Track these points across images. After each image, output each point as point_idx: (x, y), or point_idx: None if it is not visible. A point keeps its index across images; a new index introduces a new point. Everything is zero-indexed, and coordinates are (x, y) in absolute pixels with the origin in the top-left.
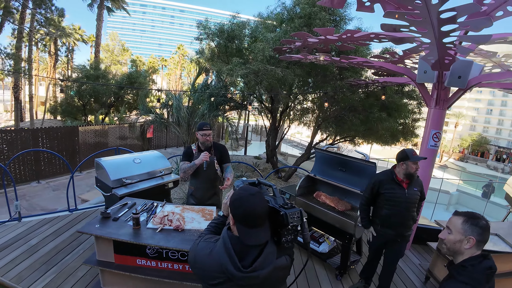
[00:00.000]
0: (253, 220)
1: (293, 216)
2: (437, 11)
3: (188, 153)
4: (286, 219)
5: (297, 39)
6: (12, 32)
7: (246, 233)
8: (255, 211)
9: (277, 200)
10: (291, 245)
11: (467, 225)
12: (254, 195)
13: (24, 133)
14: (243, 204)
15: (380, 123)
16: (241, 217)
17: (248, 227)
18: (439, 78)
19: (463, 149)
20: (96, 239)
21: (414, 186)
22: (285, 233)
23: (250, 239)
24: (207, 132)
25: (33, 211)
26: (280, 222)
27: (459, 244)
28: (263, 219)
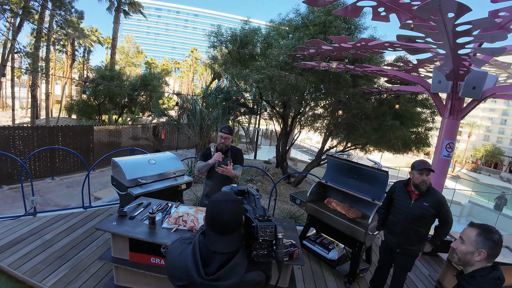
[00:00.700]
0: (218, 226)
1: (265, 230)
2: (453, 24)
3: (206, 153)
4: (256, 232)
5: (311, 46)
6: (31, 32)
7: (211, 238)
8: (222, 217)
9: (256, 211)
10: (262, 260)
11: (480, 238)
12: (226, 201)
13: (40, 131)
14: (213, 208)
15: (393, 131)
16: (208, 221)
17: (214, 232)
18: (453, 88)
19: (476, 160)
20: (113, 236)
21: (425, 200)
22: (257, 246)
23: (213, 245)
24: (223, 135)
25: (46, 206)
26: (251, 234)
27: (470, 256)
28: (232, 228)
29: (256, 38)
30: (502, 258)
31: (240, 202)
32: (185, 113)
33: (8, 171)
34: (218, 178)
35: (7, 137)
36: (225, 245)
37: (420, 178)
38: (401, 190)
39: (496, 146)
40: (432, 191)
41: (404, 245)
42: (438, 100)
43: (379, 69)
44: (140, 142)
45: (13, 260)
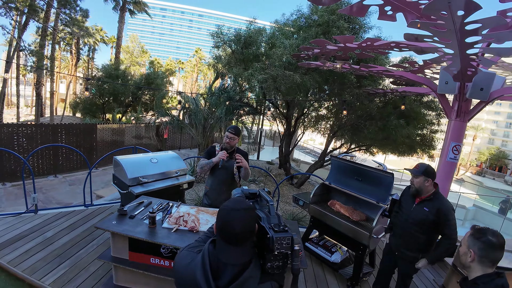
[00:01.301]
0: (229, 236)
1: (281, 242)
2: (462, 22)
3: (210, 151)
4: (272, 244)
5: (316, 46)
6: (36, 30)
7: (222, 248)
8: (233, 227)
9: (270, 219)
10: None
11: (470, 238)
12: (238, 210)
13: (44, 128)
14: (223, 216)
15: (398, 130)
16: (219, 230)
17: (225, 242)
18: (460, 90)
19: (480, 163)
20: (112, 236)
21: (426, 206)
22: (271, 258)
23: (224, 256)
24: (229, 135)
25: (49, 204)
26: (266, 246)
27: (465, 257)
28: (244, 238)
29: (260, 38)
30: (508, 263)
31: (252, 210)
32: (188, 113)
33: (11, 168)
34: (219, 178)
35: (11, 135)
36: (237, 256)
37: (413, 181)
38: (408, 193)
39: (500, 149)
40: (437, 197)
41: (402, 249)
42: (445, 102)
43: (385, 69)
44: (143, 141)
45: (13, 257)
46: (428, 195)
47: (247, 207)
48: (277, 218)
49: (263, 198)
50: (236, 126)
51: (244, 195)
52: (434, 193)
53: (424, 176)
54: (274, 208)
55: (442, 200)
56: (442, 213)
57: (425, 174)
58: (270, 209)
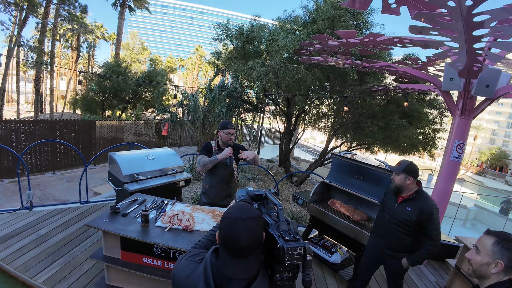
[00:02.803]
0: (234, 249)
1: (293, 253)
2: (470, 13)
3: (208, 148)
4: (283, 255)
5: (317, 42)
6: (35, 26)
7: (226, 260)
8: (239, 239)
9: (280, 226)
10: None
11: (497, 247)
12: (245, 220)
13: (42, 125)
14: (228, 226)
15: (400, 130)
16: (222, 241)
17: (229, 254)
18: (465, 87)
19: (481, 163)
20: (104, 234)
21: (409, 205)
22: (281, 269)
23: (229, 270)
24: (231, 131)
25: (46, 200)
26: (276, 256)
27: (486, 267)
28: (251, 251)
29: (262, 34)
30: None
31: (260, 218)
32: (186, 110)
33: (9, 164)
34: (219, 175)
35: (9, 131)
36: (243, 270)
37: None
38: (391, 191)
39: (501, 149)
40: (420, 197)
41: (387, 250)
42: (449, 99)
43: (388, 65)
44: (143, 139)
45: (6, 255)
46: (410, 193)
47: (255, 215)
48: (286, 224)
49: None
50: (229, 121)
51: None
52: (416, 191)
53: (405, 174)
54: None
55: (425, 199)
56: (424, 213)
57: (406, 172)
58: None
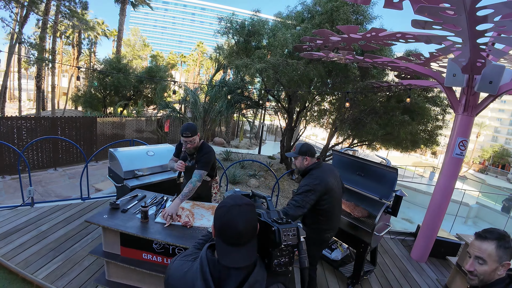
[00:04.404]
0: (232, 236)
1: (288, 233)
2: (474, 7)
3: (179, 148)
4: (279, 237)
5: (319, 37)
6: (36, 23)
7: (223, 250)
8: (236, 225)
9: (271, 214)
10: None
11: (500, 250)
12: (240, 206)
13: (44, 121)
14: (223, 215)
15: (402, 126)
16: (219, 230)
17: (226, 243)
18: (469, 83)
19: (483, 161)
20: (104, 230)
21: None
22: (278, 254)
23: (227, 259)
24: (187, 140)
25: (48, 197)
26: (272, 241)
27: (494, 273)
28: (248, 237)
29: (263, 29)
30: None
31: (253, 205)
32: (187, 106)
33: (11, 161)
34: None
35: (11, 128)
36: (242, 258)
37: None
38: None
39: (504, 147)
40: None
41: None
42: (452, 95)
43: (390, 60)
44: (144, 135)
45: (7, 251)
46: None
47: (248, 202)
48: (277, 213)
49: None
50: (189, 125)
51: None
52: (309, 168)
53: (301, 156)
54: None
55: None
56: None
57: (301, 154)
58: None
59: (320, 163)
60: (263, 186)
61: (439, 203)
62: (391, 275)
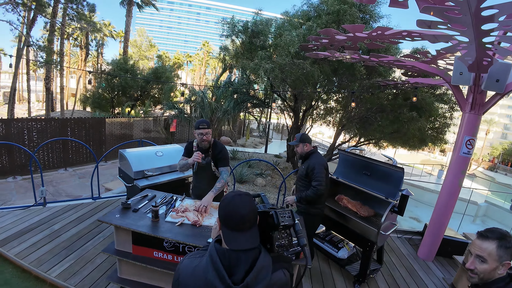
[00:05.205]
0: (237, 222)
1: (284, 215)
2: (478, 7)
3: (189, 148)
4: (277, 218)
5: (324, 36)
6: (44, 25)
7: (230, 236)
8: (239, 211)
9: (266, 206)
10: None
11: (501, 250)
12: (241, 195)
13: (54, 123)
14: (227, 204)
15: (410, 123)
16: (224, 218)
17: (232, 229)
18: (475, 81)
19: (493, 158)
20: (116, 229)
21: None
22: (278, 236)
23: (233, 243)
24: (204, 131)
25: (59, 196)
26: (271, 224)
27: (494, 272)
28: (249, 222)
29: (267, 29)
30: None
31: (252, 196)
32: (194, 106)
33: (22, 162)
34: (200, 176)
35: (21, 129)
36: (247, 241)
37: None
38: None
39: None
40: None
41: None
42: (459, 93)
43: (396, 59)
44: (152, 135)
45: (20, 250)
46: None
47: (247, 193)
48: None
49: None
50: (205, 120)
51: None
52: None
53: (302, 143)
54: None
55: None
56: (309, 167)
57: (301, 141)
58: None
59: (316, 149)
60: (270, 185)
61: (446, 202)
62: (397, 273)
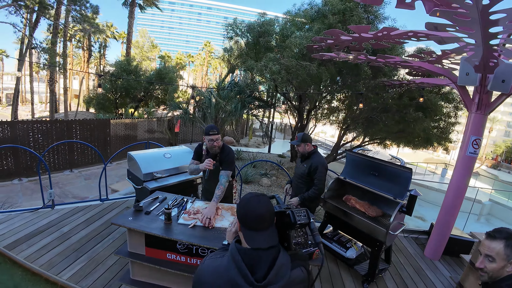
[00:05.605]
0: (256, 220)
1: (299, 214)
2: (487, 11)
3: (199, 152)
4: (293, 217)
5: (329, 37)
6: (48, 28)
7: (250, 236)
8: (258, 211)
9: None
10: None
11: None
12: (258, 196)
13: (59, 124)
14: (246, 204)
15: (416, 123)
16: (244, 218)
17: (251, 228)
18: (482, 81)
19: (496, 156)
20: (129, 232)
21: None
22: (294, 234)
23: (254, 242)
24: (214, 137)
25: (65, 198)
26: (288, 223)
27: (502, 270)
28: (268, 221)
29: (272, 29)
30: None
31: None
32: (199, 106)
33: (27, 163)
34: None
35: (26, 131)
36: (267, 239)
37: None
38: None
39: None
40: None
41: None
42: (465, 94)
43: (403, 60)
44: (155, 136)
45: (30, 253)
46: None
47: (264, 194)
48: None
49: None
50: (212, 124)
51: None
52: (310, 152)
53: (303, 143)
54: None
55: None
56: (312, 166)
57: (303, 141)
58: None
59: (316, 148)
60: (275, 185)
61: (452, 202)
62: (405, 273)
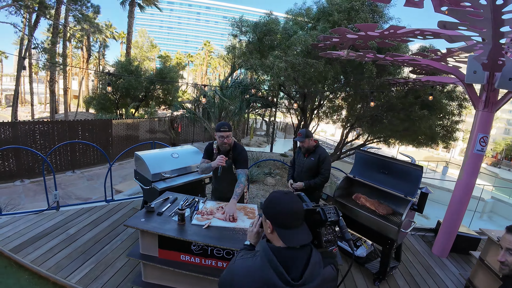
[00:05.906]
0: (290, 218)
1: (330, 212)
2: (500, 11)
3: (209, 150)
4: (324, 214)
5: (335, 35)
6: (48, 28)
7: (286, 235)
8: (291, 208)
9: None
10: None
11: None
12: (287, 193)
13: (60, 125)
14: (277, 203)
15: (421, 121)
16: (276, 217)
17: (286, 228)
18: (489, 79)
19: (496, 154)
20: (141, 233)
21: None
22: (325, 232)
23: (292, 241)
24: (225, 134)
25: (68, 199)
26: (318, 221)
27: None
28: (301, 218)
29: (277, 28)
30: None
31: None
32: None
33: (29, 165)
34: (221, 179)
35: (27, 132)
36: (304, 237)
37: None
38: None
39: None
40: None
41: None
42: (472, 92)
43: (411, 58)
44: (157, 135)
45: (36, 256)
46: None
47: (292, 193)
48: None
49: None
50: (226, 122)
51: None
52: (315, 146)
53: (308, 138)
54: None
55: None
56: (321, 157)
57: (307, 137)
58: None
59: (318, 142)
60: (279, 184)
61: (460, 199)
62: (414, 270)
